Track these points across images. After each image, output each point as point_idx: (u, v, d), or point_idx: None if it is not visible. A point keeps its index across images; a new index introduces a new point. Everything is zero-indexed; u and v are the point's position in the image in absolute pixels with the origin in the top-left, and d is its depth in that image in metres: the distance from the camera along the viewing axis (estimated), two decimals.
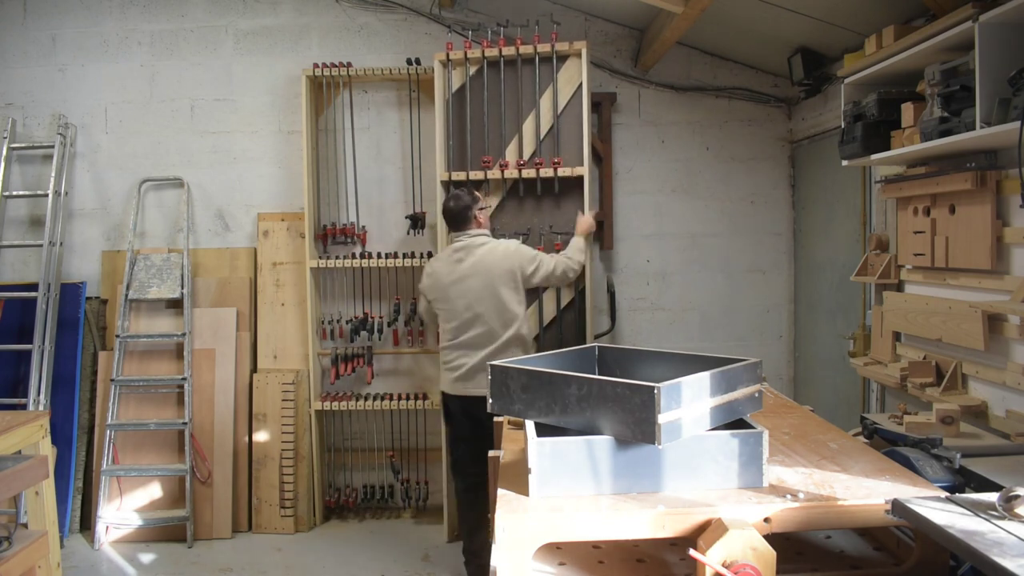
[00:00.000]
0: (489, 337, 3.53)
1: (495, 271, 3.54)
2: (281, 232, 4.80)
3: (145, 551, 4.32)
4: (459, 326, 3.58)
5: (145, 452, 4.54)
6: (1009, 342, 2.74)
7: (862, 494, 1.72)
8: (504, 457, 2.09)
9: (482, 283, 3.54)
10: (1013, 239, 2.73)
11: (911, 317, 3.30)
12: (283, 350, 4.72)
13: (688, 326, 4.97)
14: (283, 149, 4.85)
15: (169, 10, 4.85)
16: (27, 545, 2.53)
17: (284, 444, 4.55)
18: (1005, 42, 2.46)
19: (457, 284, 3.57)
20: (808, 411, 2.63)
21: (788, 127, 4.90)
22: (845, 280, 3.93)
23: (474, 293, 3.54)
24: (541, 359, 2.23)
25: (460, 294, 3.56)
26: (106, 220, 4.90)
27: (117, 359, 4.55)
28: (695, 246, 4.96)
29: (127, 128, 4.88)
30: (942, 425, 2.57)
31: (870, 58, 3.21)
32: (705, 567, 1.53)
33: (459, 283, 3.57)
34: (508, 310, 3.54)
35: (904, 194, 3.32)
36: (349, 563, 4.13)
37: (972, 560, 1.40)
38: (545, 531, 1.67)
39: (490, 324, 3.54)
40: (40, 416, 3.06)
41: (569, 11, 4.84)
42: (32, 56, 4.85)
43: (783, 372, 4.99)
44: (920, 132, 2.84)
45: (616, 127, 4.87)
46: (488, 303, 3.53)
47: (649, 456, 1.76)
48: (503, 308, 3.53)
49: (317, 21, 4.82)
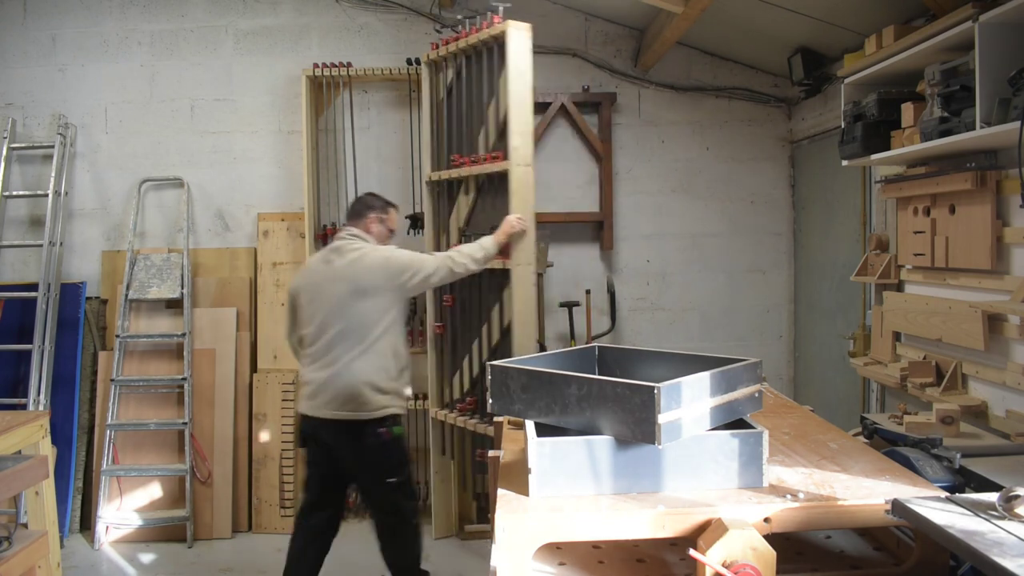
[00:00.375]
0: (345, 349, 3.12)
1: (361, 280, 3.14)
2: (281, 232, 4.80)
3: (145, 551, 4.32)
4: (314, 333, 3.18)
5: (145, 452, 4.54)
6: (1009, 342, 2.74)
7: (862, 494, 1.72)
8: (504, 457, 2.09)
9: (345, 290, 3.14)
10: (1013, 239, 2.73)
11: (911, 317, 3.30)
12: (283, 350, 4.70)
13: (688, 326, 4.97)
14: (283, 149, 4.85)
15: (169, 10, 4.85)
16: (27, 545, 2.53)
17: (284, 444, 4.55)
18: (1005, 42, 2.46)
19: (320, 287, 3.20)
20: (808, 411, 2.63)
21: (788, 127, 4.91)
22: (845, 280, 3.93)
23: (335, 300, 3.14)
24: (541, 359, 2.23)
25: (321, 298, 3.18)
26: (106, 220, 4.90)
27: (117, 359, 4.55)
28: (695, 246, 4.96)
29: (127, 128, 4.88)
30: (942, 425, 2.57)
31: (870, 58, 3.21)
32: (705, 567, 1.53)
33: (322, 286, 3.20)
34: (374, 321, 3.13)
35: (904, 194, 3.32)
36: (349, 563, 4.12)
37: (972, 560, 1.40)
38: (545, 531, 1.67)
39: (347, 337, 3.12)
40: (40, 416, 3.06)
41: (569, 11, 4.84)
42: (32, 56, 4.85)
43: (783, 372, 4.99)
44: (920, 132, 2.85)
45: (616, 127, 4.87)
46: (348, 313, 3.13)
47: (649, 456, 1.76)
48: (364, 321, 3.12)
49: (317, 21, 4.82)
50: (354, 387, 3.07)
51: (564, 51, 4.85)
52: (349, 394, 3.07)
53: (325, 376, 3.11)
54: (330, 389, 3.09)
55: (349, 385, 3.07)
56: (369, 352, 3.11)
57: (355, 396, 3.07)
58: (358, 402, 3.07)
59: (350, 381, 3.07)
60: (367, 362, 3.11)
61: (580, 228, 4.90)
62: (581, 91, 4.82)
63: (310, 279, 3.26)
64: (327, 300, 3.15)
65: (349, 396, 3.07)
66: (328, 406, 3.09)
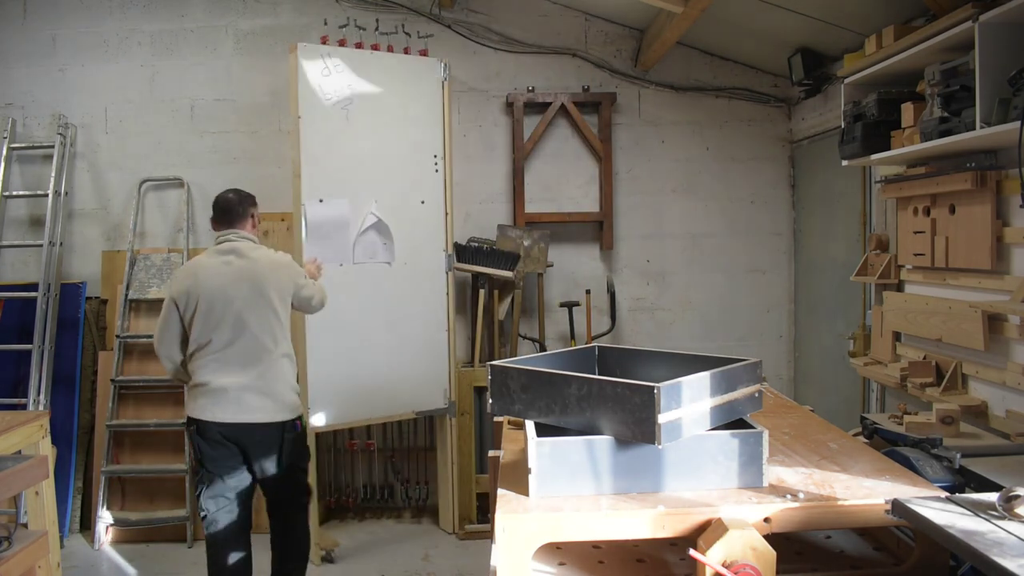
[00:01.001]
0: (258, 352, 3.05)
1: (270, 279, 3.10)
2: (281, 232, 4.79)
3: (145, 551, 4.32)
4: (222, 338, 3.04)
5: (145, 452, 4.54)
6: (1009, 342, 2.74)
7: (862, 494, 1.72)
8: (504, 457, 2.09)
9: (253, 291, 3.06)
10: (1013, 239, 2.73)
11: (911, 317, 3.30)
12: None
13: (688, 326, 4.97)
14: (283, 149, 4.85)
15: (169, 10, 4.85)
16: (27, 545, 2.53)
17: None
18: (1005, 42, 2.46)
19: (225, 289, 3.05)
20: (808, 411, 2.63)
21: (788, 127, 4.91)
22: (845, 280, 3.93)
23: (243, 301, 3.04)
24: (542, 359, 2.23)
25: (226, 300, 3.03)
26: (106, 220, 4.90)
27: (117, 359, 4.55)
28: (695, 246, 4.96)
29: (127, 128, 4.88)
30: (942, 425, 2.57)
31: (870, 58, 3.21)
32: (705, 567, 1.53)
33: (227, 288, 3.05)
34: (280, 323, 3.12)
35: (904, 194, 3.32)
36: (349, 563, 4.13)
37: (972, 560, 1.40)
38: (545, 531, 1.67)
39: (260, 338, 3.06)
40: (40, 416, 3.06)
41: (569, 11, 4.85)
42: (32, 56, 4.85)
43: (783, 372, 4.99)
44: (920, 132, 2.85)
45: (616, 127, 4.87)
46: (259, 313, 3.06)
47: (649, 456, 1.76)
48: (275, 321, 3.10)
49: (317, 21, 4.82)
50: (279, 389, 3.08)
51: (564, 51, 4.85)
52: (276, 396, 3.08)
53: (245, 380, 3.03)
54: (254, 393, 3.04)
55: (275, 388, 3.07)
56: (286, 354, 3.15)
57: (281, 397, 3.09)
58: (283, 403, 3.09)
59: (275, 384, 3.07)
60: (286, 363, 3.14)
61: (580, 228, 4.90)
62: (581, 91, 4.82)
63: (211, 282, 3.06)
64: (237, 302, 3.05)
65: (276, 398, 3.07)
66: (258, 411, 3.04)
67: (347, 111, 4.15)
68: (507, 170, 4.88)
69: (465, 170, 4.81)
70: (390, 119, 4.26)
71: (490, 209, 4.89)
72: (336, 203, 4.11)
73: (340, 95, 4.13)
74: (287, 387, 3.12)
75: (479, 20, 4.82)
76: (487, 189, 4.89)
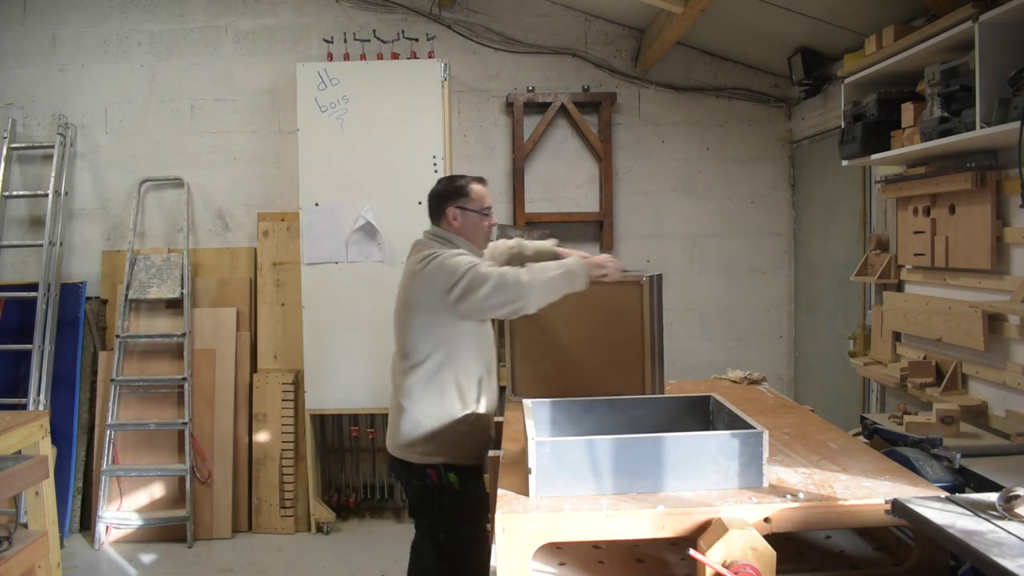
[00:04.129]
0: (392, 371, 2.70)
1: (409, 287, 2.58)
2: (281, 232, 4.79)
3: (145, 551, 4.32)
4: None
5: (145, 452, 4.54)
6: (1009, 342, 2.74)
7: (862, 494, 1.72)
8: (504, 457, 2.09)
9: (399, 301, 2.64)
10: (1013, 239, 2.73)
11: (911, 317, 3.30)
12: (283, 350, 4.71)
13: (688, 326, 4.97)
14: (283, 149, 4.85)
15: (169, 10, 4.85)
16: (27, 545, 2.53)
17: (284, 444, 4.55)
18: (1005, 42, 2.46)
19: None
20: (808, 411, 2.63)
21: (788, 127, 4.91)
22: (845, 280, 3.93)
23: (395, 314, 2.66)
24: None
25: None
26: (106, 220, 4.90)
27: (117, 359, 4.55)
28: (695, 246, 4.96)
29: (127, 128, 4.88)
30: (942, 425, 2.57)
31: (870, 58, 3.21)
32: (705, 567, 1.53)
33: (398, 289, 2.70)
34: (409, 341, 2.58)
35: (904, 194, 3.32)
36: (349, 563, 4.13)
37: (972, 560, 1.40)
38: (545, 531, 1.67)
39: (394, 355, 2.69)
40: (40, 416, 3.06)
41: (569, 11, 4.85)
42: (32, 56, 4.85)
43: (783, 372, 4.99)
44: (920, 132, 2.85)
45: (616, 127, 4.87)
46: (395, 324, 2.65)
47: (649, 456, 1.76)
48: (404, 337, 2.61)
49: (317, 21, 4.82)
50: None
51: (564, 51, 4.85)
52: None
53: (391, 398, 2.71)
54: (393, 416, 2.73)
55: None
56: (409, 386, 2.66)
57: None
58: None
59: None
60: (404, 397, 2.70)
61: (580, 228, 4.90)
62: (581, 91, 4.82)
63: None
64: (395, 305, 2.69)
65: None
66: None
67: (342, 120, 4.35)
68: (507, 170, 4.88)
69: (465, 170, 4.74)
70: (387, 123, 4.34)
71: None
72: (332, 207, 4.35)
73: (336, 106, 4.34)
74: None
75: (479, 20, 4.82)
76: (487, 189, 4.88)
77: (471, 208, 2.61)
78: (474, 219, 2.62)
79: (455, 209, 2.62)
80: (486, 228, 2.65)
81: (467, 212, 2.61)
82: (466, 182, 2.65)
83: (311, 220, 4.37)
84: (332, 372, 4.37)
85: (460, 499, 2.56)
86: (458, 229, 2.62)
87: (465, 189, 2.62)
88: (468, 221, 2.62)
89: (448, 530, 2.59)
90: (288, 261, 4.75)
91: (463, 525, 2.59)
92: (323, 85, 4.33)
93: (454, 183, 2.66)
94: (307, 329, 4.40)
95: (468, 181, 2.65)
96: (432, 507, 2.60)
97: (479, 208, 2.63)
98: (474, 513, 2.59)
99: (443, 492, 2.55)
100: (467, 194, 2.62)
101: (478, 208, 2.62)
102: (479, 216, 2.62)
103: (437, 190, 2.68)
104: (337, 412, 4.59)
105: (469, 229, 2.63)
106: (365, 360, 4.32)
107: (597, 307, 2.61)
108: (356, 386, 4.36)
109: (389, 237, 4.32)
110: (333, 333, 4.37)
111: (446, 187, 2.66)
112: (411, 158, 4.33)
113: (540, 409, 2.15)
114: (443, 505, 2.58)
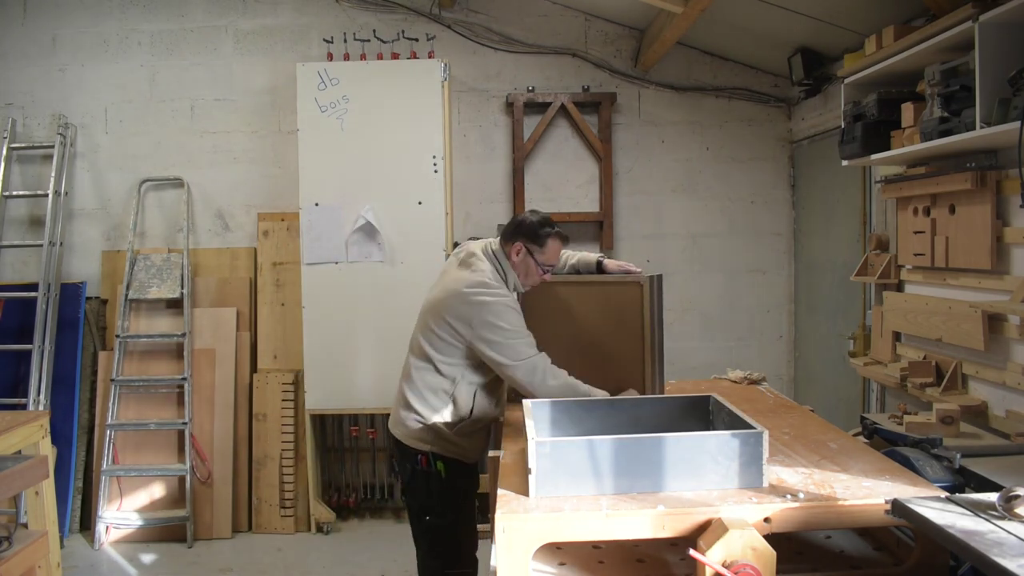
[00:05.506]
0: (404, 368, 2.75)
1: (446, 301, 2.59)
2: (281, 232, 4.80)
3: (145, 551, 4.32)
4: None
5: (145, 452, 4.54)
6: (1009, 342, 2.74)
7: (862, 494, 1.72)
8: (504, 457, 2.09)
9: (430, 302, 2.69)
10: (1013, 239, 2.73)
11: (911, 317, 3.30)
12: (283, 350, 4.72)
13: (688, 326, 4.97)
14: (283, 149, 4.85)
15: (169, 10, 4.85)
16: (27, 545, 2.53)
17: (284, 444, 4.55)
18: (1005, 42, 2.46)
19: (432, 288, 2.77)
20: (808, 411, 2.63)
21: (788, 127, 4.91)
22: (845, 280, 3.93)
23: (423, 306, 2.73)
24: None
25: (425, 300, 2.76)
26: (106, 220, 4.90)
27: (117, 359, 4.55)
28: (695, 246, 4.96)
29: (127, 128, 4.88)
30: (942, 425, 2.57)
31: (870, 58, 3.21)
32: (705, 567, 1.53)
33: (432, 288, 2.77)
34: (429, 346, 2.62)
35: (904, 194, 3.32)
36: (349, 563, 4.13)
37: (972, 560, 1.40)
38: (545, 531, 1.67)
39: (407, 354, 2.75)
40: (40, 416, 3.06)
41: (569, 11, 4.85)
42: (32, 56, 4.85)
43: (783, 372, 4.99)
44: (920, 132, 2.85)
45: (616, 127, 4.87)
46: (418, 325, 2.71)
47: (649, 456, 1.76)
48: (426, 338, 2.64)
49: (317, 21, 4.82)
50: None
51: (564, 51, 4.85)
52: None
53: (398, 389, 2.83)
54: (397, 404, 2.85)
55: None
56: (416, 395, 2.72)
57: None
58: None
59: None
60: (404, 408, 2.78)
61: (580, 228, 4.90)
62: (581, 91, 4.82)
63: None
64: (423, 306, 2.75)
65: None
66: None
67: (342, 120, 4.35)
68: (507, 170, 4.88)
69: (465, 170, 4.82)
70: (387, 123, 4.34)
71: (490, 209, 4.89)
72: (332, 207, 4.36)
73: (336, 106, 4.34)
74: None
75: (479, 20, 4.82)
76: (487, 189, 4.89)
77: (537, 258, 2.66)
78: (533, 267, 2.67)
79: (524, 248, 2.65)
80: (537, 280, 2.70)
81: (531, 259, 2.66)
82: (548, 234, 2.66)
83: (311, 220, 4.37)
84: (332, 372, 4.37)
85: (445, 486, 2.69)
86: (515, 264, 2.67)
87: (544, 240, 2.65)
88: (527, 265, 2.67)
89: (433, 513, 2.72)
90: (288, 261, 4.76)
91: (447, 510, 2.71)
92: (323, 85, 4.34)
93: (539, 228, 2.67)
94: (307, 329, 4.40)
95: (551, 234, 2.66)
96: (419, 490, 2.73)
97: (543, 262, 2.67)
98: (459, 501, 2.74)
99: (430, 477, 2.67)
100: (542, 245, 2.66)
101: (543, 262, 2.67)
102: (538, 268, 2.67)
103: (523, 220, 2.71)
104: (337, 412, 4.59)
105: (524, 271, 2.68)
106: (365, 360, 4.34)
107: (598, 307, 2.70)
108: (356, 386, 4.37)
109: (389, 237, 4.32)
110: (333, 333, 4.37)
111: (531, 224, 2.68)
112: (411, 158, 4.33)
113: (540, 409, 2.15)
114: (429, 490, 2.70)
